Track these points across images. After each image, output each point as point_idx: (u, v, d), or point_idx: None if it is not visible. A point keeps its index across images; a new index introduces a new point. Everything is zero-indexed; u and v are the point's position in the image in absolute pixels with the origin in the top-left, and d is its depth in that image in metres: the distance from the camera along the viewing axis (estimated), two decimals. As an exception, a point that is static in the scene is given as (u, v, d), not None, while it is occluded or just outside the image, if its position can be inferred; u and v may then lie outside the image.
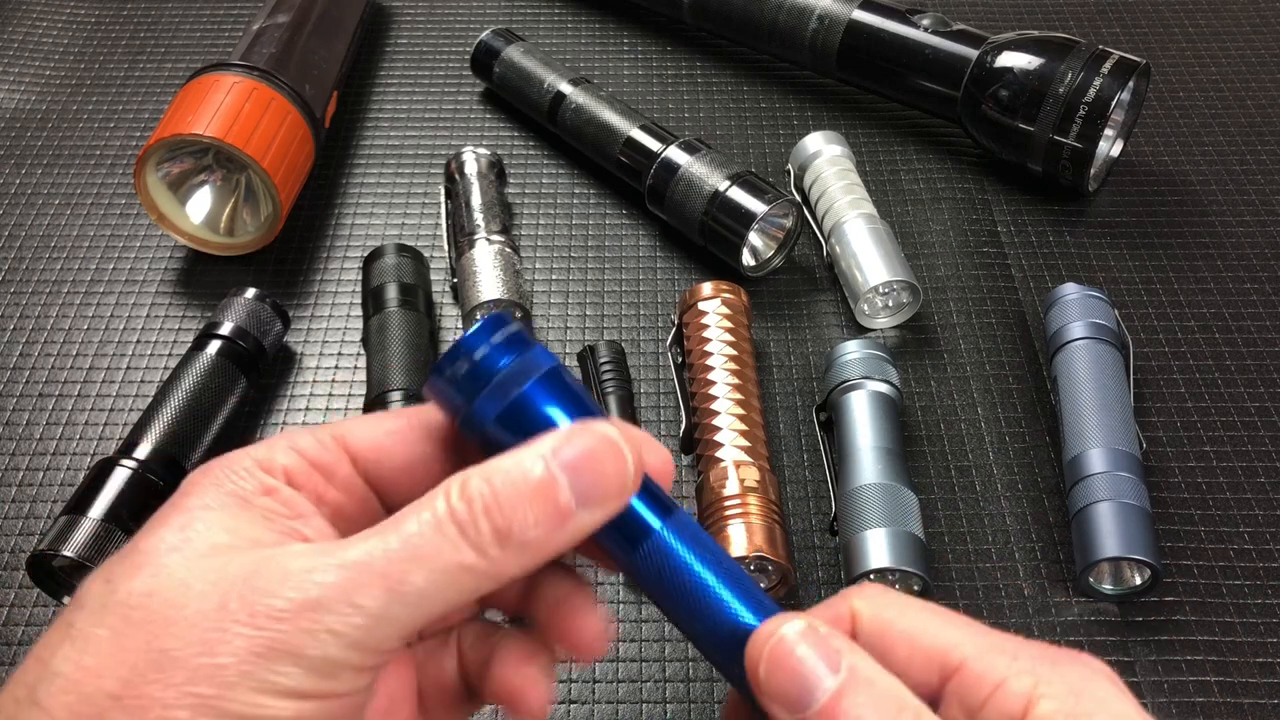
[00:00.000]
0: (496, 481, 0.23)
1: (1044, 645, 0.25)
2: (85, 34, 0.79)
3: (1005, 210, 0.66)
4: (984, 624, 0.26)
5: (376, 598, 0.22)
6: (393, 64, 0.77)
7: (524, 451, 0.24)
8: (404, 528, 0.23)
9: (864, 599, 0.26)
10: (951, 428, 0.55)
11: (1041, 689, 0.24)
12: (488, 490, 0.23)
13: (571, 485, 0.23)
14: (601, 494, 0.24)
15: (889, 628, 0.26)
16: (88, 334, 0.59)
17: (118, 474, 0.47)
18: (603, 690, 0.45)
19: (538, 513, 0.23)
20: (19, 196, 0.67)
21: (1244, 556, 0.50)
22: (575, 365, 0.57)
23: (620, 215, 0.66)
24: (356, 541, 0.23)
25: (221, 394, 0.52)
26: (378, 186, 0.68)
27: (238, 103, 0.59)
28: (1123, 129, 0.66)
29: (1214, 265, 0.63)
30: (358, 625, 0.22)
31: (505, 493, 0.23)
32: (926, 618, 0.26)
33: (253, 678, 0.22)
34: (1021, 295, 0.61)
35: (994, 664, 0.24)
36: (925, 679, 0.25)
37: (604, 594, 0.48)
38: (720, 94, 0.74)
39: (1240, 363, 0.58)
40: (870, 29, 0.67)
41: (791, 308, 0.61)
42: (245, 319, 0.54)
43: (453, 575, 0.23)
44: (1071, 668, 0.24)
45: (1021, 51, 0.63)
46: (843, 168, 0.63)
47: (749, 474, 0.48)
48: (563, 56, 0.77)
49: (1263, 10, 0.80)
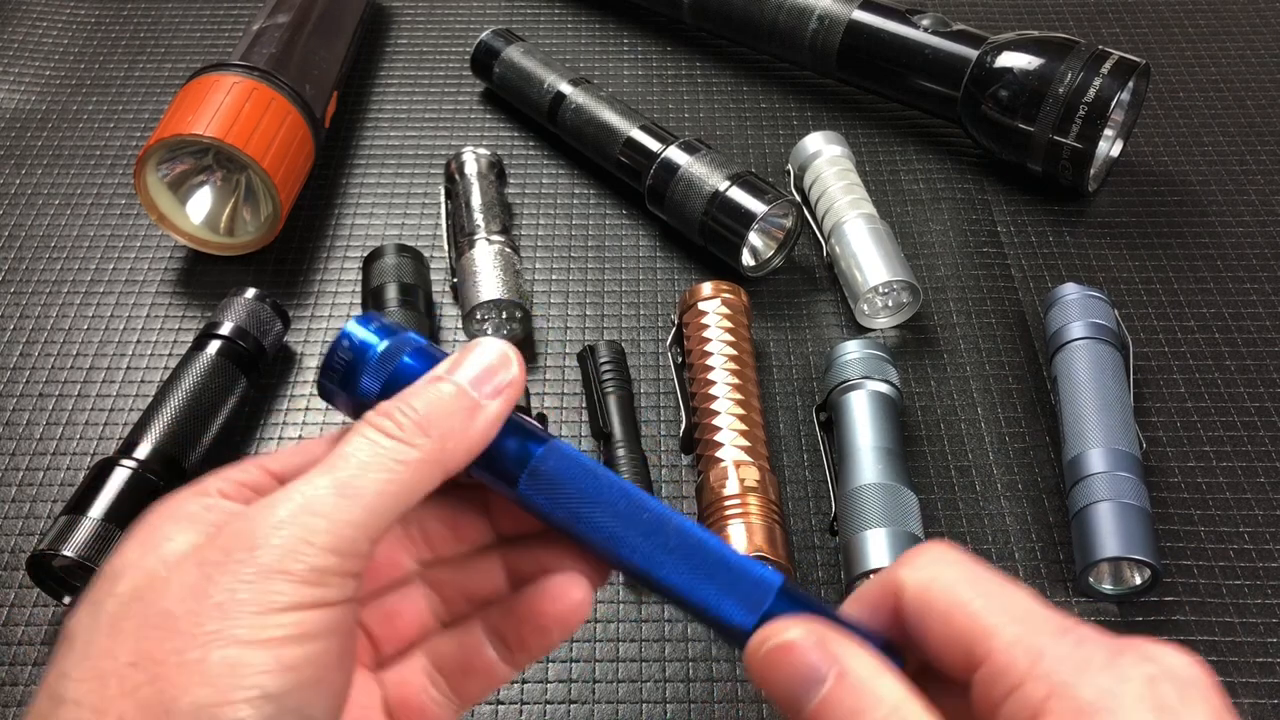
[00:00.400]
0: (410, 399, 0.27)
1: (1100, 637, 0.23)
2: (85, 34, 0.79)
3: (1005, 210, 0.66)
4: (1039, 602, 0.24)
5: (338, 507, 0.25)
6: (393, 64, 0.77)
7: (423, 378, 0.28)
8: (342, 452, 0.26)
9: (912, 569, 0.25)
10: (951, 428, 0.55)
11: (1052, 703, 0.21)
12: (404, 404, 0.27)
13: (473, 384, 0.27)
14: (497, 384, 0.28)
15: (929, 607, 0.24)
16: (88, 334, 0.59)
17: (118, 474, 0.47)
18: (603, 690, 0.45)
19: (450, 406, 0.27)
20: (19, 196, 0.67)
21: (1244, 556, 0.50)
22: (575, 365, 0.57)
23: (620, 215, 0.66)
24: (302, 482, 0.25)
25: (221, 394, 0.52)
26: (378, 186, 0.68)
27: (238, 103, 0.59)
28: (1122, 129, 0.66)
29: (1214, 265, 0.63)
30: (329, 533, 0.24)
31: (418, 402, 0.27)
32: (970, 596, 0.24)
33: (251, 603, 0.23)
34: (1021, 295, 0.61)
35: (1016, 662, 0.22)
36: (957, 662, 0.24)
37: (603, 593, 0.48)
38: (720, 94, 0.74)
39: (1240, 363, 0.58)
40: (870, 29, 0.67)
41: (791, 308, 0.61)
42: (245, 319, 0.54)
43: (393, 472, 0.26)
44: (1106, 675, 0.22)
45: (1021, 52, 0.63)
46: (843, 168, 0.63)
47: (749, 474, 0.48)
48: (563, 56, 0.77)
49: (1263, 10, 0.80)
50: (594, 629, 0.47)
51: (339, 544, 0.24)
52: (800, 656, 0.24)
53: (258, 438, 0.54)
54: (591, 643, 0.47)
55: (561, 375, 0.57)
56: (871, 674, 0.24)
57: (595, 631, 0.47)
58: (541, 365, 0.58)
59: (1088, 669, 0.22)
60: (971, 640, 0.23)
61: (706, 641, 0.47)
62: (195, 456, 0.50)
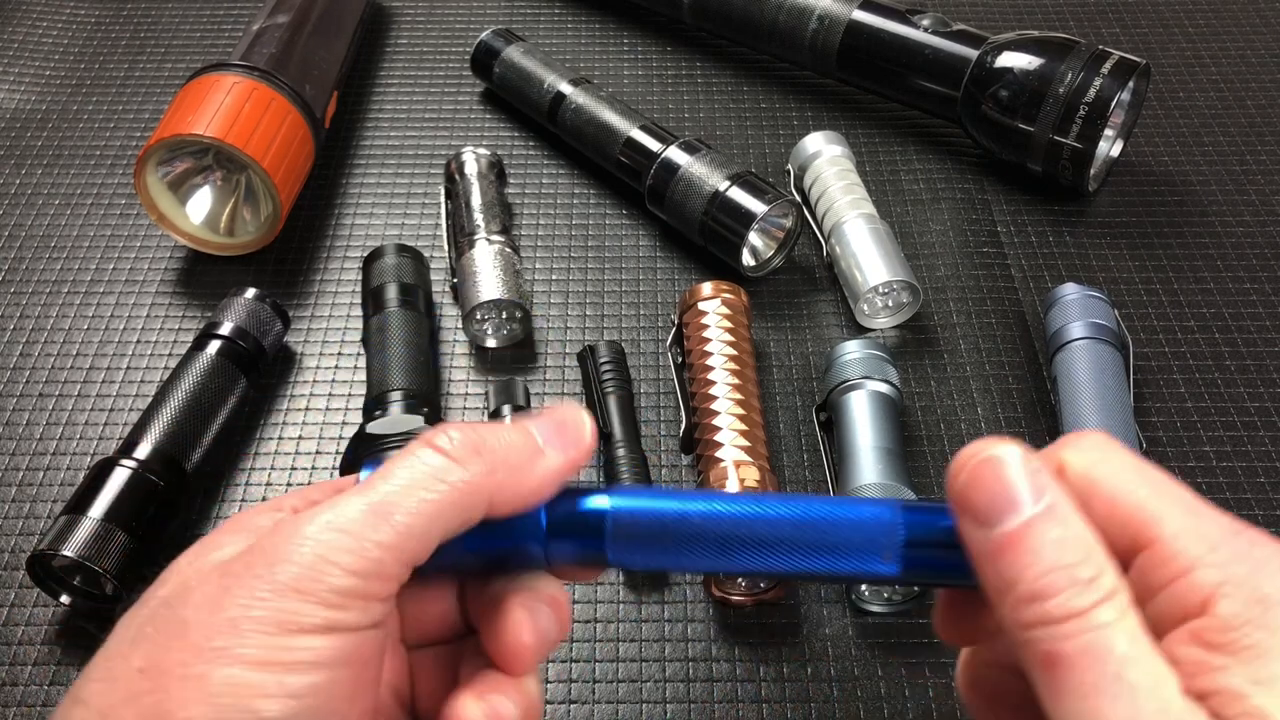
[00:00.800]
0: (471, 426, 0.26)
1: (1260, 537, 0.23)
2: (85, 34, 0.79)
3: (1005, 210, 0.66)
4: (1198, 500, 0.24)
5: (368, 524, 0.24)
6: (393, 64, 0.77)
7: None
8: (388, 470, 0.25)
9: (1077, 451, 0.25)
10: (951, 428, 0.55)
11: (1227, 588, 0.22)
12: (463, 426, 0.26)
13: (540, 431, 0.27)
14: (564, 440, 0.27)
15: (1095, 487, 0.24)
16: (88, 334, 0.59)
17: (118, 474, 0.47)
18: (603, 690, 0.45)
19: (512, 440, 0.26)
20: (19, 196, 0.67)
21: (1244, 556, 0.49)
22: (575, 365, 0.57)
23: (620, 215, 0.66)
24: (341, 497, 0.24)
25: (221, 394, 0.52)
26: (378, 186, 0.68)
27: (238, 103, 0.59)
28: (1123, 129, 0.66)
29: (1214, 265, 0.63)
30: (354, 552, 0.23)
31: (479, 430, 0.26)
32: (1136, 484, 0.24)
33: (266, 621, 0.22)
34: (1021, 295, 0.61)
35: (1187, 548, 0.23)
36: (1117, 545, 0.24)
37: (603, 593, 0.48)
38: (720, 94, 0.74)
39: (1240, 363, 0.58)
40: (870, 29, 0.67)
41: (791, 308, 0.61)
42: (245, 319, 0.54)
43: (435, 491, 0.24)
44: None
45: (1021, 52, 0.63)
46: (843, 168, 0.63)
47: (749, 474, 0.48)
48: (563, 56, 0.77)
49: (1263, 10, 0.80)
50: (594, 629, 0.47)
51: (364, 565, 0.23)
52: (1013, 475, 0.24)
53: (258, 437, 0.54)
54: (591, 643, 0.47)
55: (561, 375, 0.57)
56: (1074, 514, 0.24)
57: (595, 631, 0.47)
58: (541, 365, 0.58)
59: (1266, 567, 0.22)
60: (1137, 525, 0.23)
61: (706, 641, 0.47)
62: (195, 457, 0.50)
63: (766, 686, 0.45)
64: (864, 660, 0.46)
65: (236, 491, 0.52)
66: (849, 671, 0.46)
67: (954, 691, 0.45)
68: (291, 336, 0.59)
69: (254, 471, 0.53)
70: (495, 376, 0.57)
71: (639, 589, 0.49)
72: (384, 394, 0.51)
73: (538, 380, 0.57)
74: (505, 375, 0.57)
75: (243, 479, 0.53)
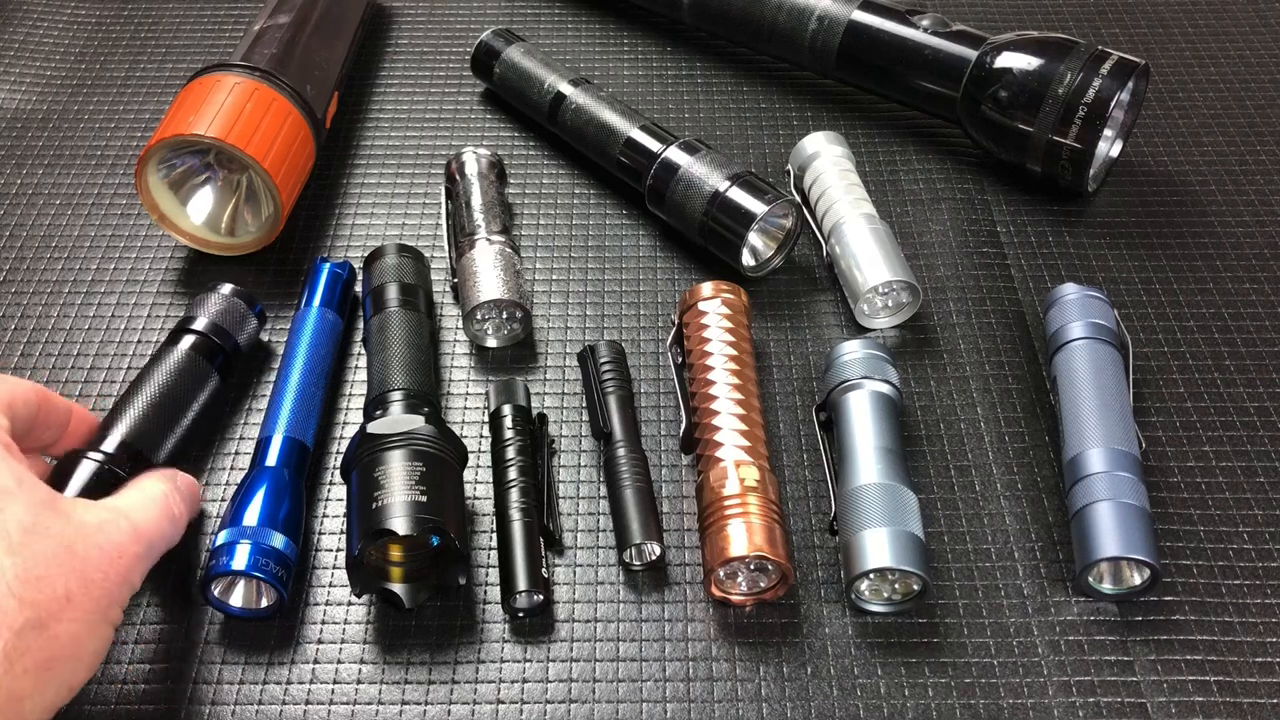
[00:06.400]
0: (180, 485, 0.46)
1: None
2: (86, 34, 0.79)
3: (1005, 210, 0.66)
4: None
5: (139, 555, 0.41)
6: (393, 64, 0.77)
7: None
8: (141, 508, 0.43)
9: None
10: (951, 428, 0.55)
11: None
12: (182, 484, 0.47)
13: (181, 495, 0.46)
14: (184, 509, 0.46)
15: None
16: (88, 334, 0.59)
17: (84, 466, 0.46)
18: (602, 690, 0.46)
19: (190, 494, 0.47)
20: (20, 197, 0.67)
21: (1244, 556, 0.50)
22: (575, 365, 0.57)
23: (620, 215, 0.66)
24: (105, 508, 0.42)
25: (193, 389, 0.52)
26: (378, 187, 0.68)
27: (239, 103, 0.59)
28: (1122, 129, 0.66)
29: (1214, 265, 0.63)
30: None
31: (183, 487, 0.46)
32: None
33: None
34: (1021, 295, 0.61)
35: None
36: None
37: (603, 593, 0.48)
38: (720, 94, 0.74)
39: (1240, 363, 0.58)
40: (870, 29, 0.67)
41: (791, 308, 0.61)
42: (219, 314, 0.54)
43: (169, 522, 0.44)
44: None
45: (1021, 52, 0.63)
46: (843, 168, 0.63)
47: (749, 474, 0.48)
48: (563, 57, 0.77)
49: (1263, 10, 0.81)
50: (594, 629, 0.47)
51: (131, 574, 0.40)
52: None
53: (238, 436, 0.54)
54: (591, 643, 0.47)
55: (561, 375, 0.57)
56: None
57: (595, 631, 0.47)
58: (541, 365, 0.58)
59: None
60: None
61: (707, 641, 0.47)
62: (164, 451, 0.49)
63: (766, 686, 0.45)
64: (864, 660, 0.46)
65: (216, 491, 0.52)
66: (849, 671, 0.46)
67: (953, 692, 0.45)
68: (279, 334, 0.59)
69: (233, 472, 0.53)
70: (495, 376, 0.57)
71: (639, 589, 0.49)
72: (384, 394, 0.51)
73: (538, 380, 0.57)
74: (505, 375, 0.57)
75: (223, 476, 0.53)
